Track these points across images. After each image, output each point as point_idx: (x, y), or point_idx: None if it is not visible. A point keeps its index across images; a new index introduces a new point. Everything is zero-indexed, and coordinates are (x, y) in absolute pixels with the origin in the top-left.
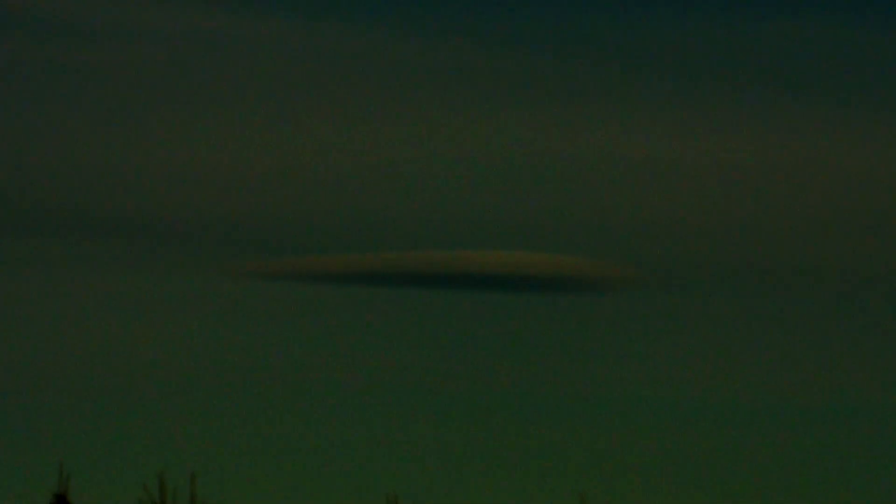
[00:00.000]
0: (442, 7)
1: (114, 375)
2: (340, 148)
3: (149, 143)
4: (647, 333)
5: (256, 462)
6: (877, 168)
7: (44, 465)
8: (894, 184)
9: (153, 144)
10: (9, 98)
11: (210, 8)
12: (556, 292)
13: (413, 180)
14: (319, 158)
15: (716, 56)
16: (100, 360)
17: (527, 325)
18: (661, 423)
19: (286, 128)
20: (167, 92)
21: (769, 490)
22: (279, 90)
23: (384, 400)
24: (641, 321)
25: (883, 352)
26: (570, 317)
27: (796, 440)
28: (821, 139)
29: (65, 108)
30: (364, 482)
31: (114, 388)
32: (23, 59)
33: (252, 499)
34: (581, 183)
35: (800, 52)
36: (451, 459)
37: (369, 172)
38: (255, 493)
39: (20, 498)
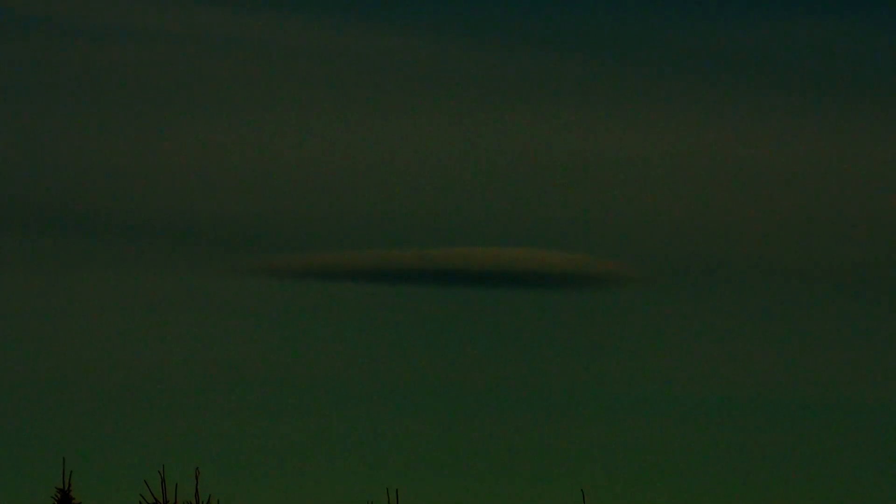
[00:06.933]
0: (445, 4)
1: (116, 371)
2: (349, 145)
3: (150, 140)
4: (654, 331)
5: (261, 458)
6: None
7: (47, 461)
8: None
9: (154, 142)
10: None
11: (209, 6)
12: (562, 289)
13: (420, 177)
14: (327, 155)
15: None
16: (103, 357)
17: (533, 321)
18: (668, 421)
19: (292, 125)
20: (170, 90)
21: (774, 489)
22: (287, 87)
23: (389, 397)
24: (647, 318)
25: (886, 351)
26: (577, 314)
27: (801, 439)
28: (825, 137)
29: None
30: (366, 478)
31: (116, 383)
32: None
33: (256, 494)
34: (587, 180)
35: (801, 51)
36: (455, 456)
37: (377, 169)
38: (260, 488)
39: (23, 493)
